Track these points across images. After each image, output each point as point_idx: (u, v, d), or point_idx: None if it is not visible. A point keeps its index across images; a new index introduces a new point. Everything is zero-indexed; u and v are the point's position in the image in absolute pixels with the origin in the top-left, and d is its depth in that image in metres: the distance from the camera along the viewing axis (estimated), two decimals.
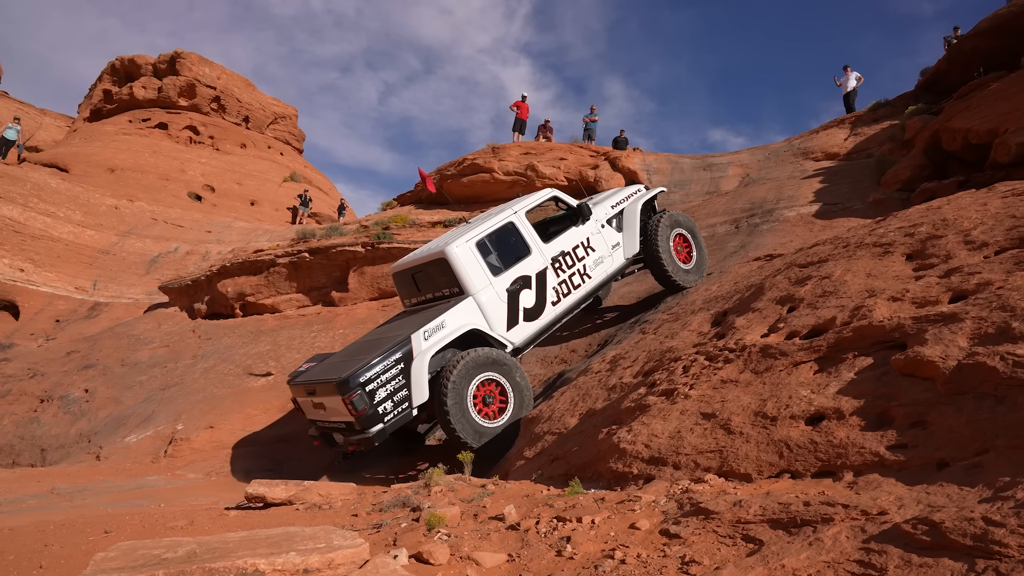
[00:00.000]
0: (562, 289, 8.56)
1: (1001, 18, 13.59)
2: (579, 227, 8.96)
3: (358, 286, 15.11)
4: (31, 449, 11.74)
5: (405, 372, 7.28)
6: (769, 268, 7.51)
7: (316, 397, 7.54)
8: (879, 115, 16.78)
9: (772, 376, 4.54)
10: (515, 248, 8.42)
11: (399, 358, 7.27)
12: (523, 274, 8.30)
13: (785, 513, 3.14)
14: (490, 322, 7.98)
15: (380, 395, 7.08)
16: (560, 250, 8.66)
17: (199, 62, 32.50)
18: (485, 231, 8.31)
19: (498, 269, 8.21)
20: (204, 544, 3.24)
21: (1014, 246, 4.54)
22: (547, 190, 9.24)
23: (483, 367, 7.53)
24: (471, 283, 7.97)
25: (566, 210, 9.26)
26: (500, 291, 8.10)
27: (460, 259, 7.98)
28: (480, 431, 7.39)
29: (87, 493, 7.55)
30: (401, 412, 7.26)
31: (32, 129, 34.41)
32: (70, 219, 23.01)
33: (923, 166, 11.84)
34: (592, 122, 21.35)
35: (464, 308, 7.86)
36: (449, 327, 7.65)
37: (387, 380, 7.16)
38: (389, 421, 7.16)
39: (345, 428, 7.33)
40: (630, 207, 9.64)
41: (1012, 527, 2.35)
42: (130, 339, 15.81)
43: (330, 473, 8.87)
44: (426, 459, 8.62)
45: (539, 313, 8.36)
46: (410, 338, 7.39)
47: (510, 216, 8.54)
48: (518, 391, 7.77)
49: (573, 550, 3.46)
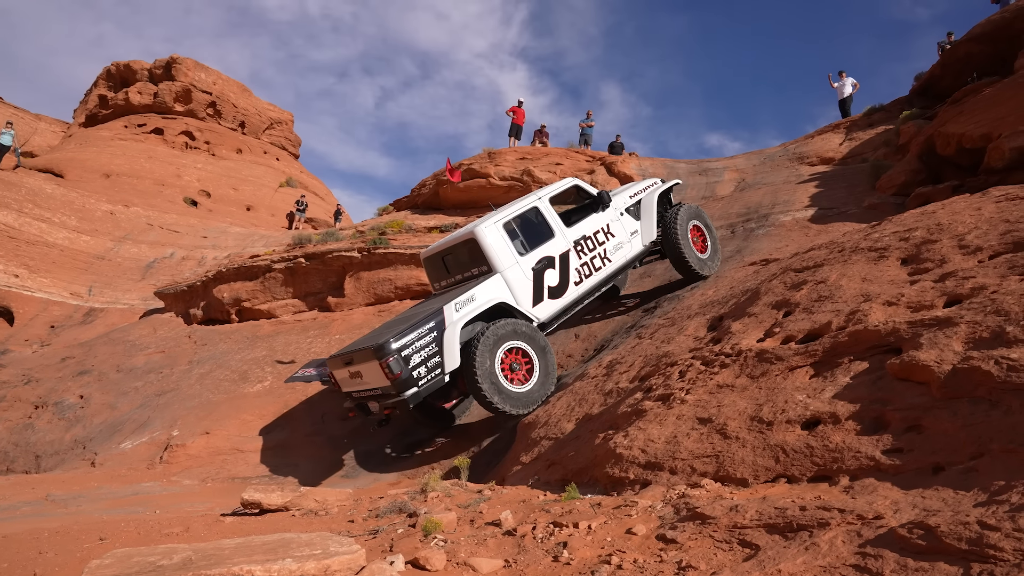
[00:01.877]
0: (584, 271, 9.09)
1: (994, 24, 13.66)
2: (599, 214, 9.49)
3: (354, 291, 15.10)
4: (25, 456, 11.68)
5: (438, 340, 7.77)
6: (765, 273, 7.53)
7: (353, 366, 8.05)
8: (874, 120, 16.84)
9: (768, 381, 4.55)
10: (539, 231, 8.95)
11: (432, 327, 7.77)
12: (547, 255, 8.82)
13: (781, 518, 3.14)
14: (516, 297, 8.50)
15: (415, 360, 7.56)
16: (582, 234, 9.19)
17: (195, 67, 32.50)
18: (512, 214, 8.87)
19: (524, 249, 8.74)
20: (200, 551, 3.23)
21: (1008, 250, 4.56)
22: (569, 179, 9.80)
23: (510, 336, 8.03)
24: (499, 261, 8.52)
25: (587, 198, 9.73)
26: (526, 269, 8.63)
27: (488, 238, 8.54)
28: (508, 395, 7.84)
29: (82, 500, 7.51)
30: (434, 377, 7.71)
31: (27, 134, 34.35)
32: (65, 224, 22.96)
33: (918, 171, 11.88)
34: (588, 127, 21.38)
35: (492, 283, 8.39)
36: (478, 300, 8.17)
37: (421, 347, 7.65)
38: (423, 385, 7.62)
39: (381, 394, 7.79)
40: (647, 197, 10.18)
41: (1007, 531, 2.36)
42: (125, 345, 15.76)
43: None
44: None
45: (563, 291, 8.89)
46: (442, 309, 7.92)
47: (535, 201, 9.13)
48: (543, 359, 8.23)
49: (570, 556, 3.46)
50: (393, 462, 9.08)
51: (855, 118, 17.69)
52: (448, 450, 8.71)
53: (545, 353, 8.28)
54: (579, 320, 10.65)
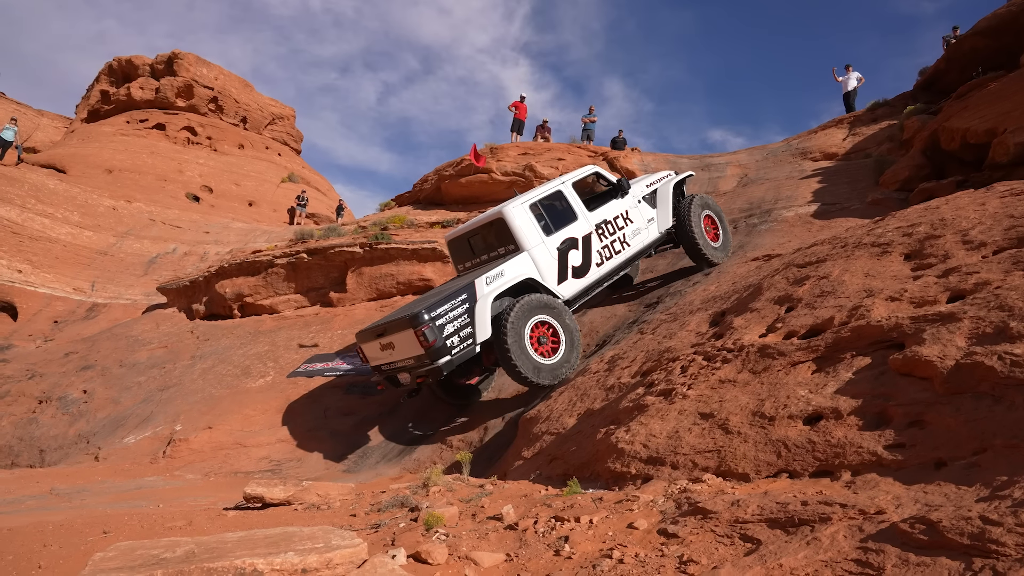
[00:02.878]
0: (605, 253, 9.49)
1: (1000, 17, 13.59)
2: (619, 200, 9.91)
3: (356, 287, 15.10)
4: (30, 450, 11.72)
5: (470, 311, 8.10)
6: (767, 268, 7.52)
7: (385, 337, 8.35)
8: (877, 115, 16.79)
9: (770, 376, 4.55)
10: (563, 213, 9.33)
11: (464, 299, 8.11)
12: (571, 236, 9.20)
13: (783, 512, 3.14)
14: (542, 275, 8.83)
15: (448, 330, 7.89)
16: (603, 218, 9.59)
17: (196, 63, 32.48)
18: (538, 196, 9.26)
19: (549, 230, 9.07)
20: (202, 544, 3.24)
21: (1012, 246, 4.55)
22: (590, 166, 10.20)
23: (537, 310, 8.35)
24: (526, 239, 8.89)
25: (607, 185, 10.14)
26: (551, 249, 9.00)
27: (516, 218, 8.93)
28: (537, 367, 8.12)
29: (86, 494, 7.54)
30: (466, 347, 8.03)
31: (30, 130, 34.39)
32: (68, 220, 22.99)
33: (921, 166, 11.85)
34: (591, 122, 21.33)
35: (520, 261, 8.74)
36: (507, 275, 8.50)
37: (454, 317, 7.98)
38: (456, 354, 7.93)
39: (413, 364, 8.07)
40: (663, 187, 10.62)
41: (1009, 526, 2.36)
42: (128, 340, 15.79)
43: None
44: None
45: (585, 272, 9.27)
46: (474, 283, 8.23)
47: (559, 185, 9.53)
48: (568, 333, 8.54)
49: (571, 550, 3.46)
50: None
51: (859, 113, 17.64)
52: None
53: (571, 328, 8.58)
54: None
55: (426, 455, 8.53)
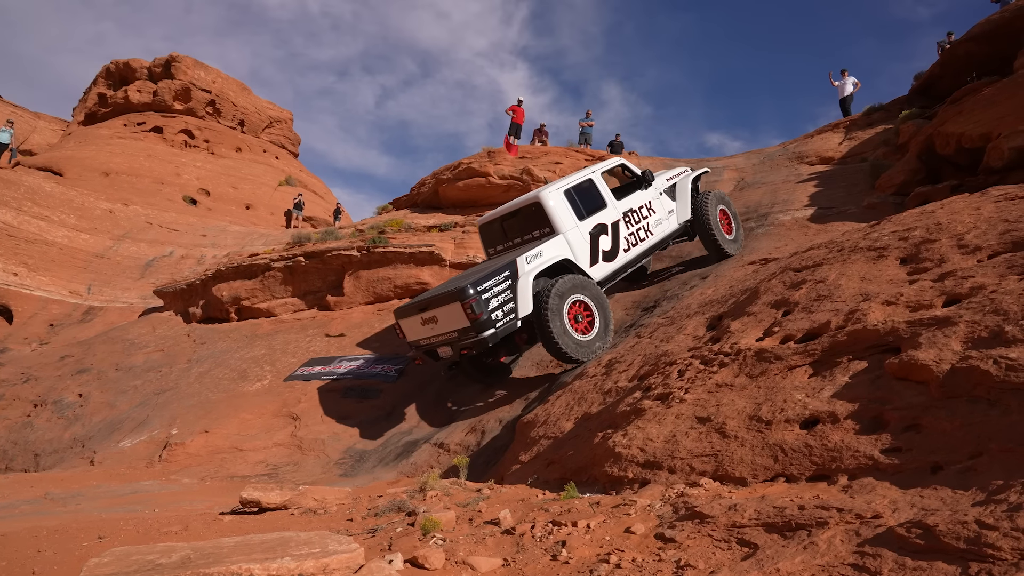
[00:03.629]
0: (631, 240, 10.07)
1: (994, 23, 13.65)
2: (643, 191, 10.55)
3: (353, 290, 15.09)
4: (24, 454, 11.68)
5: (512, 288, 8.52)
6: (764, 272, 7.53)
7: (428, 312, 8.76)
8: (873, 119, 16.83)
9: (767, 380, 4.55)
10: (594, 200, 9.86)
11: (507, 275, 8.52)
12: (601, 222, 9.75)
13: (780, 517, 3.14)
14: (576, 257, 9.32)
15: (492, 304, 8.29)
16: (629, 207, 10.18)
17: (194, 66, 32.46)
18: (571, 183, 9.80)
19: (582, 215, 9.60)
20: (198, 549, 3.23)
21: (1007, 250, 4.56)
22: (617, 158, 10.96)
23: (574, 289, 8.80)
24: (561, 223, 9.39)
25: (631, 176, 10.76)
26: (584, 233, 9.51)
27: (552, 202, 9.45)
28: (576, 343, 8.55)
29: (81, 498, 7.51)
30: (508, 321, 8.42)
31: (26, 132, 34.34)
32: (64, 223, 22.95)
33: (917, 170, 11.88)
34: (588, 126, 21.36)
35: (556, 243, 9.21)
36: (545, 256, 8.95)
37: (498, 292, 8.38)
38: (499, 327, 8.31)
39: (457, 337, 8.46)
40: (682, 181, 11.26)
41: (1005, 530, 2.36)
42: (124, 343, 15.75)
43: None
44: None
45: (614, 256, 9.83)
46: (516, 261, 8.65)
47: (589, 174, 10.08)
48: (602, 311, 9.01)
49: (568, 554, 3.46)
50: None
51: (855, 117, 17.68)
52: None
53: (604, 307, 9.05)
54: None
55: (423, 459, 8.52)
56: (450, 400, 10.18)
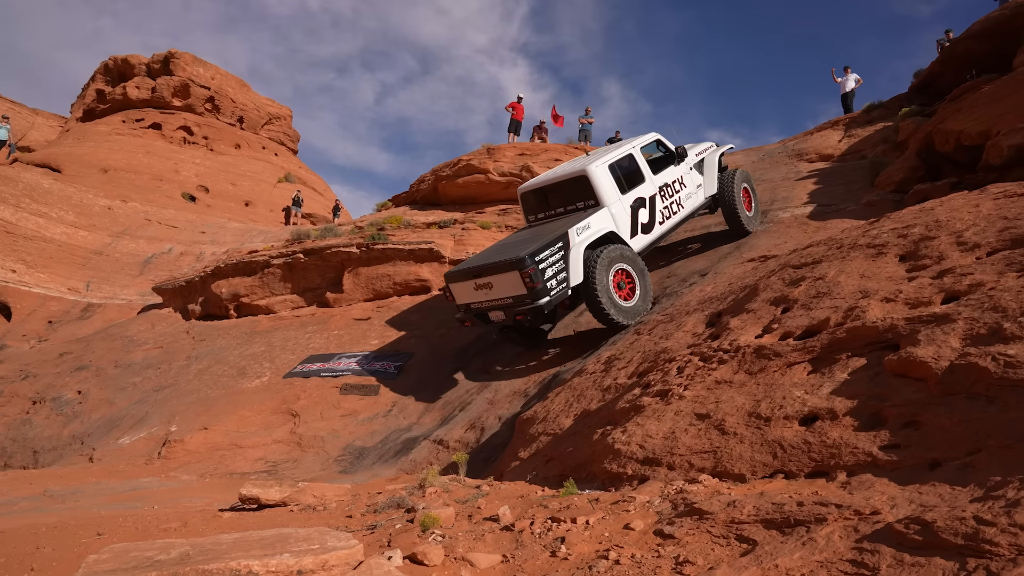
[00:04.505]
0: (666, 213, 10.58)
1: (993, 21, 13.66)
2: (676, 166, 10.99)
3: (353, 287, 15.09)
4: (23, 451, 11.68)
5: (565, 258, 8.97)
6: (763, 269, 7.53)
7: (482, 279, 9.20)
8: (873, 117, 16.83)
9: (766, 377, 4.55)
10: (634, 175, 10.34)
11: (560, 246, 8.95)
12: (640, 196, 10.22)
13: (779, 513, 3.15)
14: (619, 229, 9.78)
15: (548, 273, 8.73)
16: (664, 182, 10.67)
17: (193, 62, 32.40)
18: (614, 158, 10.21)
19: (624, 188, 10.08)
20: (197, 546, 3.23)
21: (1006, 247, 4.56)
22: (652, 133, 11.22)
23: (618, 259, 9.33)
24: (606, 196, 9.86)
25: (664, 152, 11.15)
26: (625, 206, 10.00)
27: (599, 176, 9.89)
28: (619, 308, 9.08)
29: (80, 495, 7.51)
30: (561, 290, 8.87)
31: (24, 129, 34.27)
32: (63, 220, 22.92)
33: (916, 168, 11.87)
34: (588, 123, 21.36)
35: (602, 215, 9.68)
36: (593, 228, 9.42)
37: (553, 262, 8.82)
38: (553, 295, 8.75)
39: (512, 302, 8.92)
40: (709, 157, 11.74)
41: (1003, 526, 2.36)
42: (123, 340, 15.75)
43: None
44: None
45: (651, 228, 10.35)
46: (567, 232, 9.07)
47: (630, 149, 10.54)
48: (643, 280, 9.58)
49: (567, 551, 3.46)
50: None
51: (855, 115, 17.69)
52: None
53: (644, 275, 9.62)
54: None
55: (422, 456, 8.52)
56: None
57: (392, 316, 13.84)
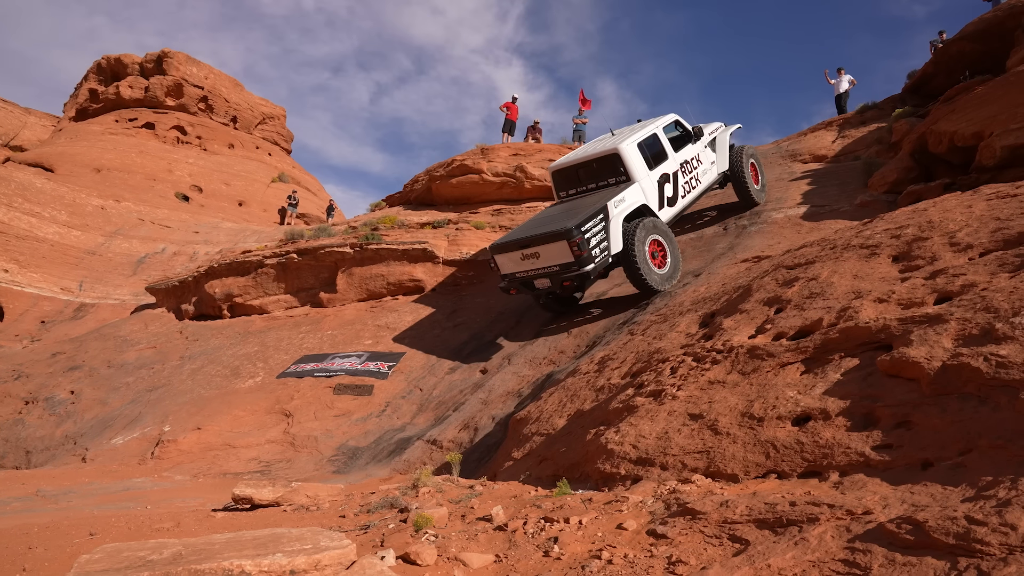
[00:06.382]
0: (686, 188, 11.50)
1: (986, 22, 13.72)
2: (693, 144, 11.89)
3: (346, 287, 15.07)
4: (15, 451, 11.63)
5: (606, 228, 9.76)
6: (757, 270, 7.55)
7: (530, 249, 9.91)
8: (866, 117, 16.88)
9: (759, 377, 4.56)
10: (659, 152, 11.19)
11: (602, 217, 9.73)
12: (665, 171, 11.10)
13: (771, 513, 3.15)
14: (649, 202, 10.62)
15: (592, 242, 9.49)
16: (684, 159, 11.55)
17: (186, 61, 32.30)
18: (641, 137, 11.02)
19: (651, 165, 10.91)
20: (190, 546, 3.22)
21: (998, 248, 4.58)
22: (671, 114, 12.02)
23: (652, 230, 10.19)
24: (637, 172, 10.70)
25: (682, 132, 11.96)
26: (653, 181, 10.85)
27: (630, 153, 10.72)
28: (655, 274, 9.96)
29: (72, 495, 7.48)
30: (603, 257, 9.66)
31: (16, 128, 34.10)
32: (55, 219, 22.83)
33: (910, 168, 11.91)
34: (582, 123, 21.35)
35: (635, 189, 10.51)
36: (628, 201, 10.26)
37: (596, 232, 9.57)
38: (597, 262, 9.55)
39: (559, 270, 9.68)
40: (721, 136, 12.72)
41: (994, 526, 2.37)
42: (116, 340, 15.69)
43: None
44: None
45: (675, 202, 11.26)
46: (606, 205, 9.86)
47: (653, 129, 11.36)
48: (673, 249, 10.43)
49: (560, 551, 3.46)
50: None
51: (848, 116, 17.72)
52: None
53: (673, 244, 10.46)
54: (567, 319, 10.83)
55: (416, 456, 8.52)
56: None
57: (386, 316, 13.83)
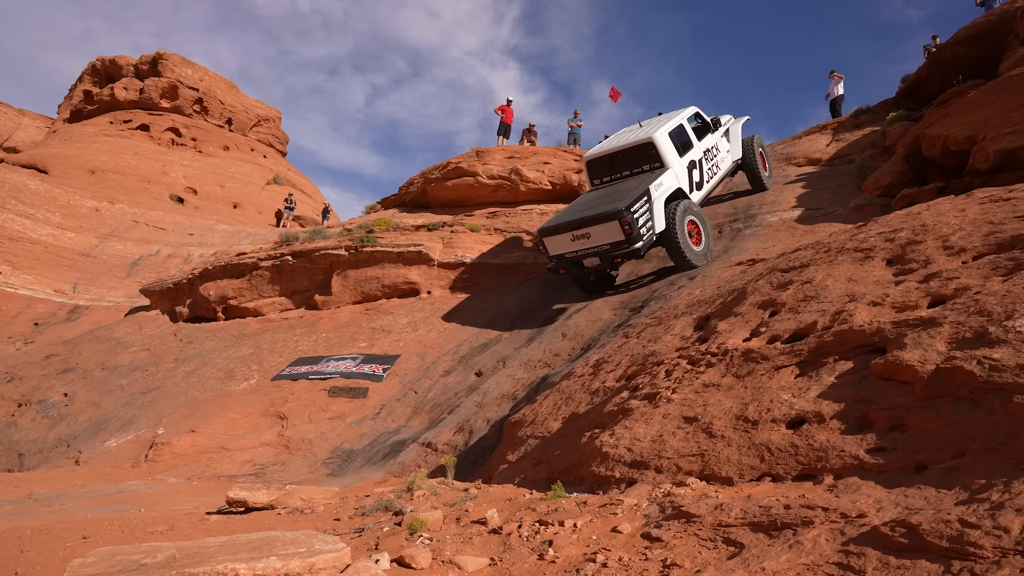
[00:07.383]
0: (709, 173, 12.48)
1: (979, 27, 13.79)
2: (712, 134, 12.84)
3: (341, 289, 15.04)
4: (8, 454, 11.56)
5: (650, 209, 10.62)
6: (751, 273, 7.56)
7: (580, 230, 10.72)
8: (861, 121, 16.93)
9: (754, 380, 4.57)
10: (685, 141, 12.07)
11: (646, 200, 10.58)
12: (692, 159, 12.01)
13: (766, 516, 3.16)
14: (683, 186, 11.50)
15: (640, 222, 10.33)
16: (705, 147, 12.52)
17: (181, 63, 32.24)
18: (670, 126, 11.90)
19: (680, 152, 11.80)
20: (184, 549, 3.21)
21: (992, 251, 4.60)
22: (692, 107, 12.89)
23: (688, 211, 11.10)
24: (670, 158, 11.58)
25: (701, 122, 12.79)
26: (683, 167, 11.75)
27: (663, 141, 11.61)
28: (693, 252, 10.83)
29: (65, 498, 7.44)
30: (649, 236, 10.49)
31: (10, 130, 34.00)
32: (49, 221, 22.74)
33: (904, 172, 11.96)
34: (577, 126, 21.38)
35: (670, 175, 11.38)
36: (665, 185, 11.13)
37: (642, 213, 10.41)
38: (645, 240, 10.38)
39: (609, 248, 10.51)
40: (734, 126, 13.78)
41: (987, 529, 2.38)
42: (110, 342, 15.63)
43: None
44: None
45: (701, 187, 12.22)
46: (648, 188, 10.73)
47: (679, 120, 12.25)
48: (705, 229, 11.41)
49: (555, 554, 3.46)
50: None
51: (842, 119, 17.78)
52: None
53: (706, 224, 11.43)
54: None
55: (411, 459, 8.50)
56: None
57: (381, 319, 13.81)
